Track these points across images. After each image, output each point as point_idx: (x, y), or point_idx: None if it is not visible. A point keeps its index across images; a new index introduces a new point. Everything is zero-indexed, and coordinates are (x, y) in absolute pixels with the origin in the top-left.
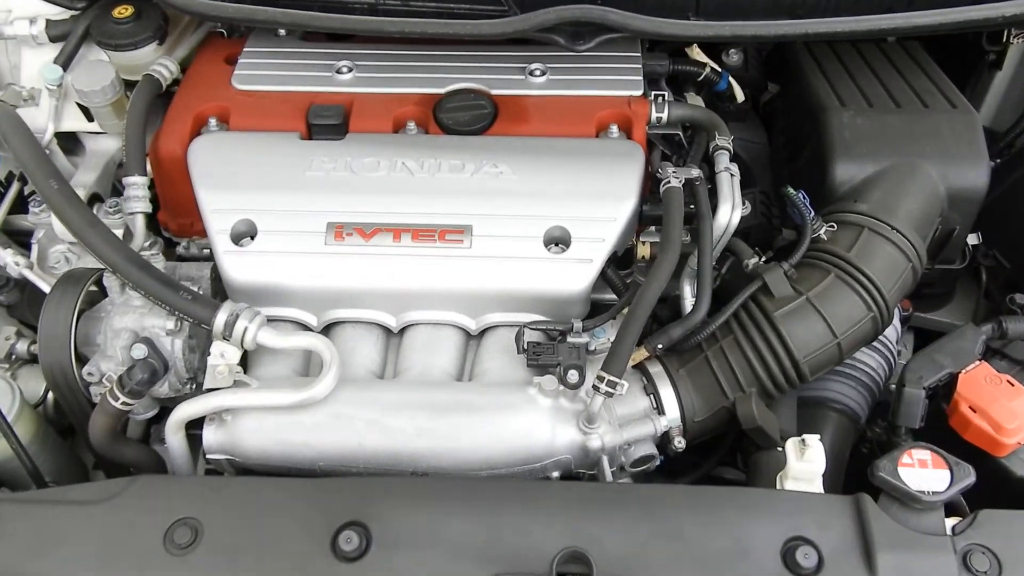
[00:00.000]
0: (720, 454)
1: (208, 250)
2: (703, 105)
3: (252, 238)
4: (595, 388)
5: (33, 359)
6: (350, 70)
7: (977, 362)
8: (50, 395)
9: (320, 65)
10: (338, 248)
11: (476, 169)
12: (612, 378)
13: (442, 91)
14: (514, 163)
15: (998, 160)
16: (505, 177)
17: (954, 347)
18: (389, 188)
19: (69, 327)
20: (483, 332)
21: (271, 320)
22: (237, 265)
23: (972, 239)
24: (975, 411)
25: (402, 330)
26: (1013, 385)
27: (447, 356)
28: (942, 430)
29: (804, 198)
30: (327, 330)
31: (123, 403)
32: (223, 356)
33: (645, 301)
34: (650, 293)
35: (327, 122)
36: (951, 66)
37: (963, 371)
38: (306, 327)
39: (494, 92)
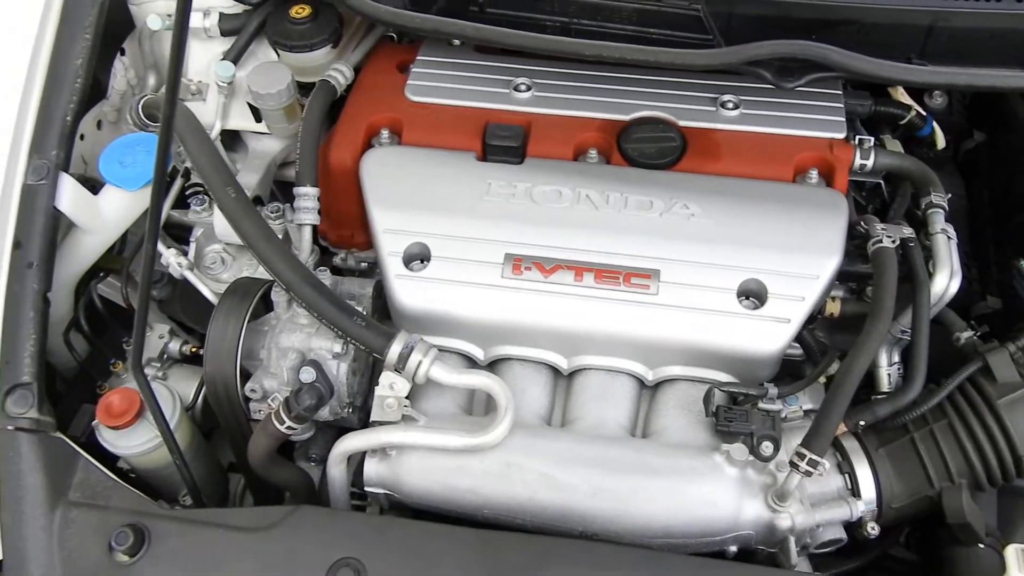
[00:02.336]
0: (897, 536)
1: (366, 263)
2: (902, 150)
3: (423, 262)
4: (793, 465)
5: (185, 359)
6: (528, 88)
7: None
8: (199, 399)
9: (497, 80)
10: (515, 282)
11: (665, 208)
12: (814, 457)
13: (626, 118)
14: (706, 204)
15: None
16: (697, 220)
17: None
18: (571, 222)
19: (236, 342)
20: (658, 383)
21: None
22: (408, 290)
23: None
24: None
25: (571, 373)
26: None
27: (621, 407)
28: None
29: None
30: (493, 366)
31: (288, 427)
32: (392, 388)
33: (853, 375)
34: (858, 366)
35: (505, 143)
36: None
37: None
38: (471, 360)
39: (682, 123)
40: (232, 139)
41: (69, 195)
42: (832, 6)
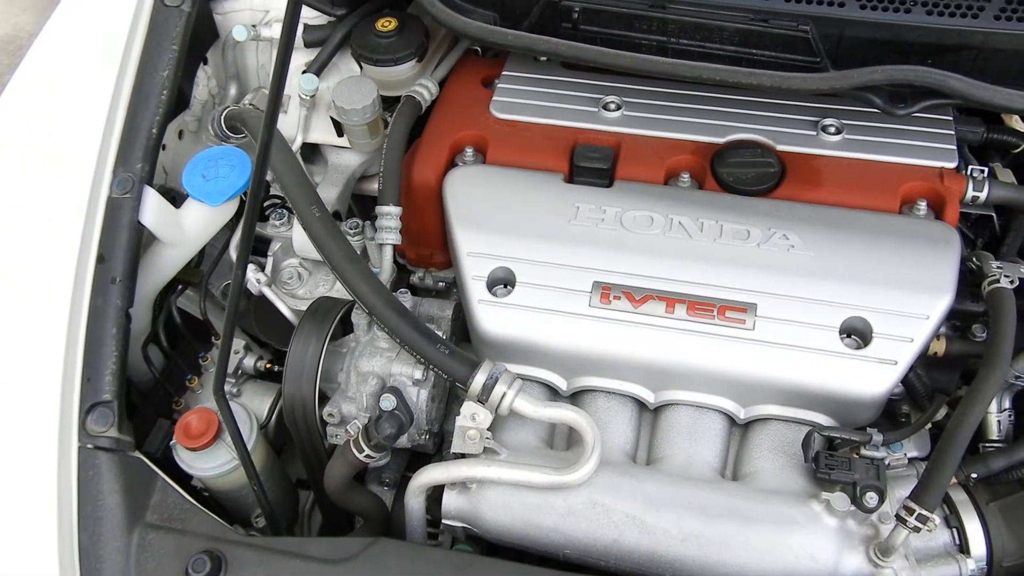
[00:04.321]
0: None
1: (444, 283)
2: (1014, 181)
3: (507, 287)
4: (900, 519)
5: (259, 375)
6: (618, 107)
7: None
8: (274, 417)
9: (585, 99)
10: (604, 312)
11: (763, 239)
12: (923, 512)
13: (721, 140)
14: (807, 235)
15: None
16: (797, 252)
17: None
18: (663, 250)
19: (316, 364)
20: (750, 423)
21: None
22: (492, 316)
23: None
24: None
25: (657, 408)
26: None
27: (711, 446)
28: None
29: None
30: (576, 397)
31: (367, 455)
32: (474, 419)
33: (967, 425)
34: (974, 416)
35: (594, 165)
36: None
37: None
38: (553, 391)
39: (780, 148)
40: (311, 152)
41: (153, 209)
42: (950, 30)
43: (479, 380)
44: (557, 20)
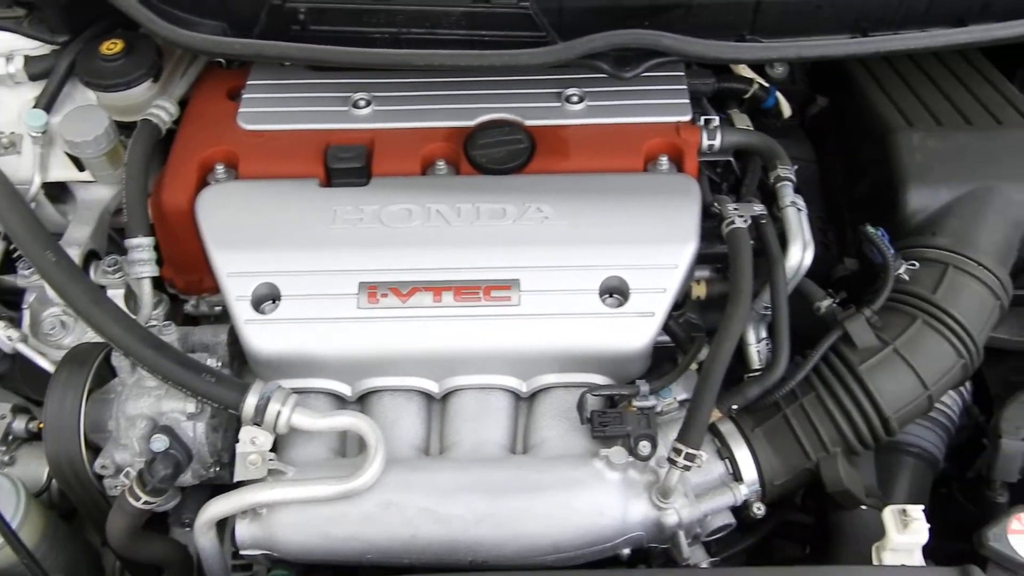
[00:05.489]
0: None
1: (220, 307)
2: (751, 125)
3: (275, 302)
4: (671, 462)
5: (33, 437)
6: (368, 103)
7: None
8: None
9: (334, 99)
10: (373, 311)
11: (519, 215)
12: (690, 451)
13: (472, 123)
14: (559, 206)
15: None
16: (551, 222)
17: None
18: (424, 240)
19: (78, 415)
20: (535, 394)
21: (301, 392)
22: (261, 335)
23: None
24: None
25: (445, 395)
26: None
27: (499, 425)
28: None
29: (884, 236)
30: (363, 400)
31: (144, 502)
32: (254, 443)
33: (719, 362)
34: (723, 352)
35: (348, 165)
36: (1001, 65)
37: None
38: (340, 398)
39: (528, 123)
40: (60, 191)
41: None
42: None
43: (250, 402)
44: (286, 23)
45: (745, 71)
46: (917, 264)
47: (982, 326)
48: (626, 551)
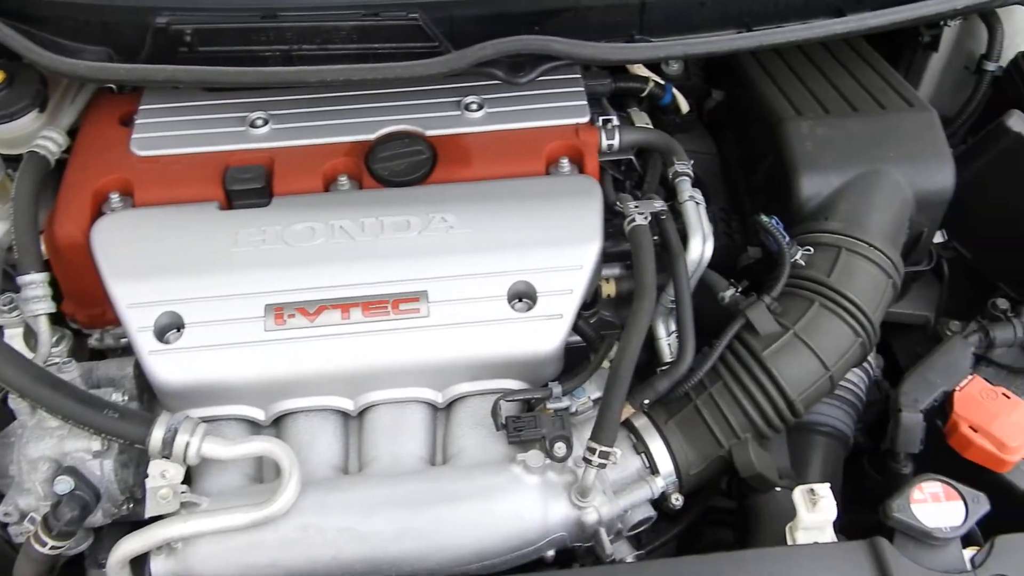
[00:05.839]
0: (710, 494)
1: (125, 339)
2: (650, 123)
3: (179, 331)
4: (586, 461)
5: None
6: (265, 122)
7: (969, 376)
8: None
9: (231, 119)
10: (280, 333)
11: (423, 226)
12: (604, 448)
13: (372, 137)
14: (463, 214)
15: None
16: (456, 232)
17: (945, 363)
18: (329, 257)
19: None
20: (451, 404)
21: (212, 420)
22: (166, 366)
23: (937, 237)
24: (976, 431)
25: (360, 412)
26: (1009, 398)
27: (416, 438)
28: (939, 448)
29: (778, 224)
30: (278, 423)
31: (52, 547)
32: (164, 476)
33: (628, 358)
34: (632, 348)
35: (248, 186)
36: (883, 50)
37: (957, 388)
38: (254, 423)
39: (429, 133)
40: None
41: None
42: None
43: (157, 435)
44: (173, 45)
45: (640, 70)
46: (812, 249)
47: (877, 305)
48: (550, 553)
